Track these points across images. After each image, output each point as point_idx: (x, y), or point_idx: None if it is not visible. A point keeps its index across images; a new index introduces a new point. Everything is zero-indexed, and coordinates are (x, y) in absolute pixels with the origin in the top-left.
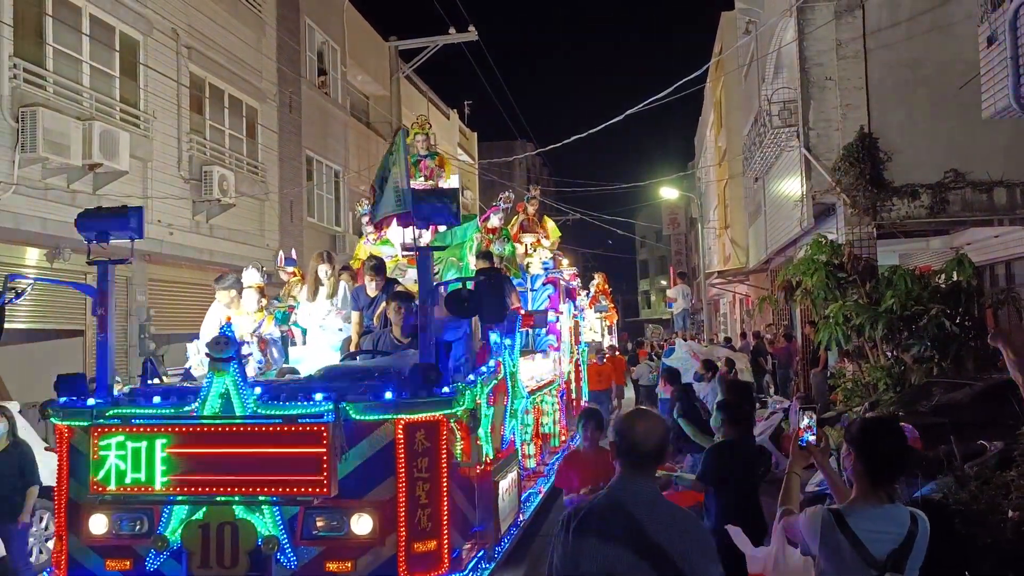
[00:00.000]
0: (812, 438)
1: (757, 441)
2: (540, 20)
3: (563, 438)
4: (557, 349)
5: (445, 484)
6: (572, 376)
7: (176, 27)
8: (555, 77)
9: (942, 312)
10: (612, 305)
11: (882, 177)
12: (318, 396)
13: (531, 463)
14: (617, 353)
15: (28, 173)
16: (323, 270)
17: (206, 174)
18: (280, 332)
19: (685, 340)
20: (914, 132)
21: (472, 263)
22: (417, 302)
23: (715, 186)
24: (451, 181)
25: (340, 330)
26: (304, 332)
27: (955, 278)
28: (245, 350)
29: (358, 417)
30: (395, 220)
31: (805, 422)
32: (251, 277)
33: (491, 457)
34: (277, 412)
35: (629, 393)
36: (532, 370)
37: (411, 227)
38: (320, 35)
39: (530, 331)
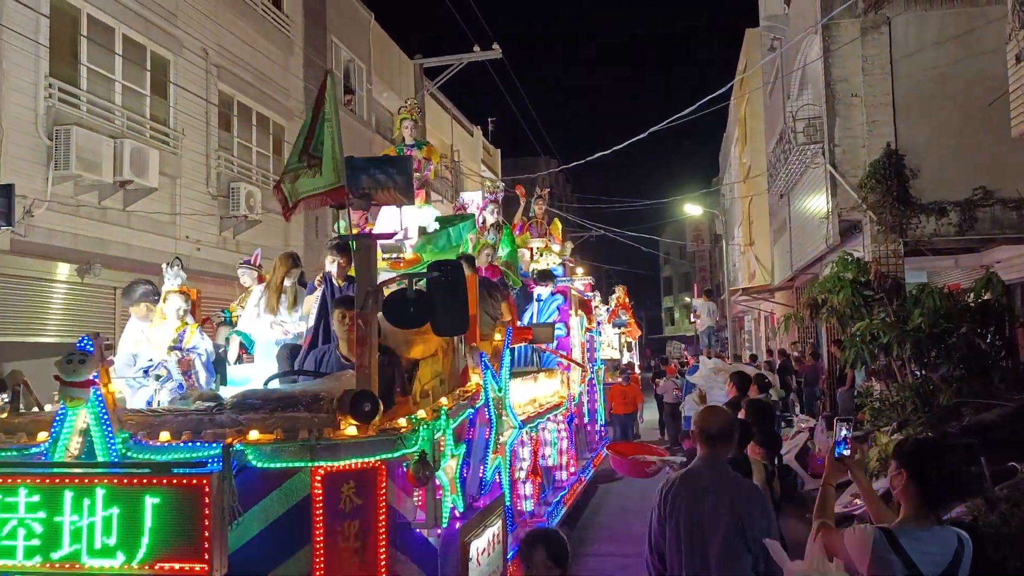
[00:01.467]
0: (847, 451)
1: (784, 461)
2: (564, 37)
3: (571, 470)
4: (567, 368)
5: (383, 557)
6: (584, 398)
7: (206, 46)
8: (579, 94)
9: (972, 331)
10: (633, 320)
11: (909, 194)
12: (209, 434)
13: (527, 505)
14: (637, 370)
15: (61, 190)
16: (288, 281)
17: (233, 191)
18: (211, 347)
19: (710, 358)
20: (942, 149)
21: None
22: None
23: (740, 203)
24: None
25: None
26: (250, 345)
27: (985, 296)
28: (157, 372)
29: (261, 464)
30: (379, 216)
31: (842, 433)
32: (171, 279)
33: (460, 511)
34: (147, 458)
35: (650, 414)
36: (532, 392)
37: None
38: (346, 53)
39: (534, 347)
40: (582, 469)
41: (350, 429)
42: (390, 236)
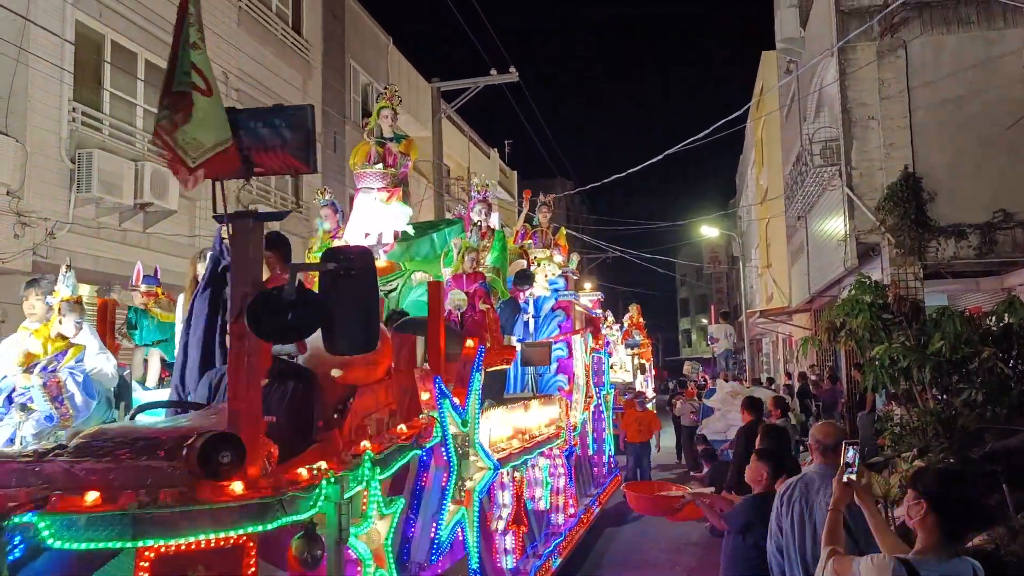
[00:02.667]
0: (854, 475)
1: None
2: (580, 58)
3: (570, 512)
4: (569, 393)
5: None
6: (589, 427)
7: (226, 70)
8: (595, 115)
9: (994, 355)
10: (647, 340)
11: (927, 217)
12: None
13: (508, 561)
14: (651, 392)
15: (83, 212)
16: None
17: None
18: (106, 367)
19: (728, 381)
20: (960, 172)
21: (448, 277)
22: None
23: (757, 225)
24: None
25: None
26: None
27: (1007, 320)
28: (17, 398)
29: (64, 544)
30: (350, 218)
31: (850, 454)
32: (63, 286)
33: None
34: None
35: (666, 440)
36: (521, 423)
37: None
38: (364, 76)
39: (532, 369)
40: (584, 509)
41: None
42: (281, 216)
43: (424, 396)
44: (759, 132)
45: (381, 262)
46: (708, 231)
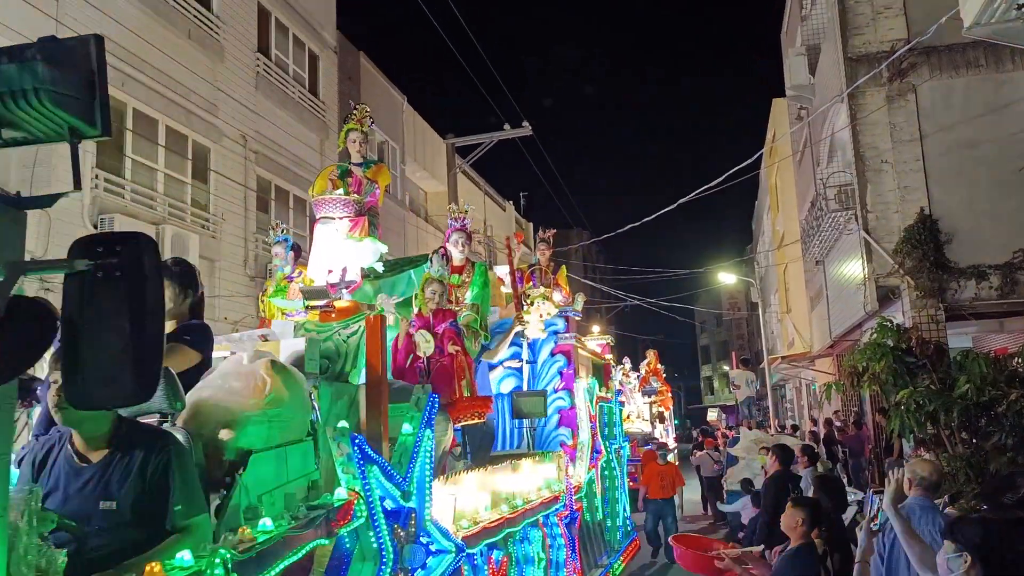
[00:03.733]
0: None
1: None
2: (593, 108)
3: None
4: (572, 449)
5: None
6: (597, 487)
7: (245, 134)
8: (609, 165)
9: (1022, 398)
10: (666, 387)
11: (946, 259)
12: None
13: None
14: (672, 442)
15: None
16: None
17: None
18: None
19: (751, 429)
20: (976, 212)
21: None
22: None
23: (775, 270)
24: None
25: None
26: None
27: None
28: None
29: None
30: (311, 253)
31: (876, 503)
32: None
33: None
34: None
35: (689, 493)
36: (506, 487)
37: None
38: (380, 135)
39: (528, 423)
40: None
41: None
42: (45, 203)
43: (338, 460)
44: (773, 178)
45: (344, 301)
46: (726, 277)
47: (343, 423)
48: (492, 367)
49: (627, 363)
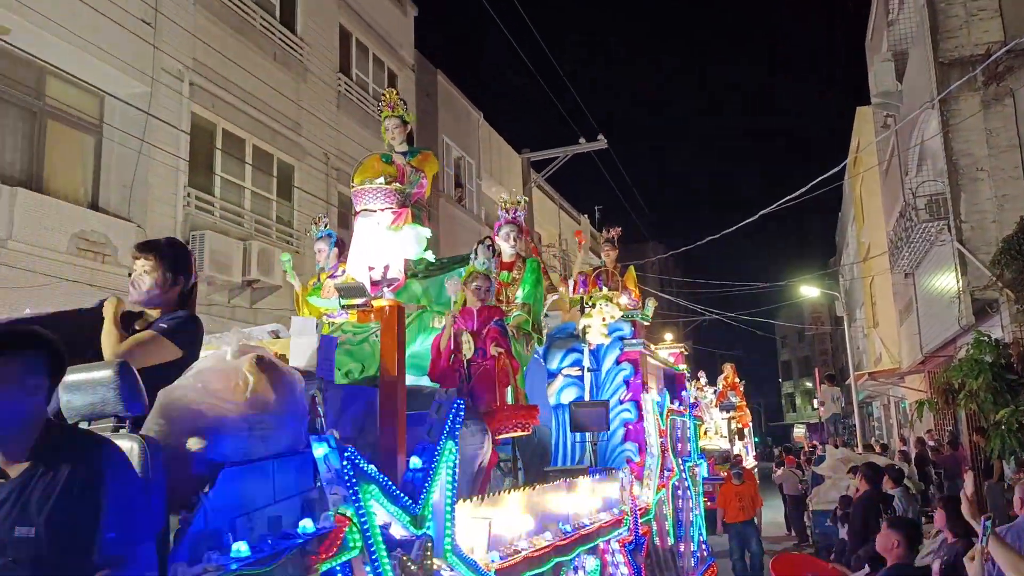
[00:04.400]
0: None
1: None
2: (669, 119)
3: None
4: (640, 467)
5: None
6: (668, 508)
7: (327, 152)
8: (687, 177)
9: None
10: (744, 402)
11: None
12: None
13: None
14: (751, 460)
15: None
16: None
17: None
18: None
19: (837, 447)
20: None
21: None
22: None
23: (860, 283)
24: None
25: None
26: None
27: None
28: None
29: None
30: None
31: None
32: None
33: None
34: None
35: (773, 513)
36: (556, 508)
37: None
38: (456, 151)
39: (590, 437)
40: None
41: None
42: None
43: (323, 471)
44: (858, 188)
45: (384, 300)
46: (808, 291)
47: (332, 433)
48: (551, 375)
49: (702, 377)
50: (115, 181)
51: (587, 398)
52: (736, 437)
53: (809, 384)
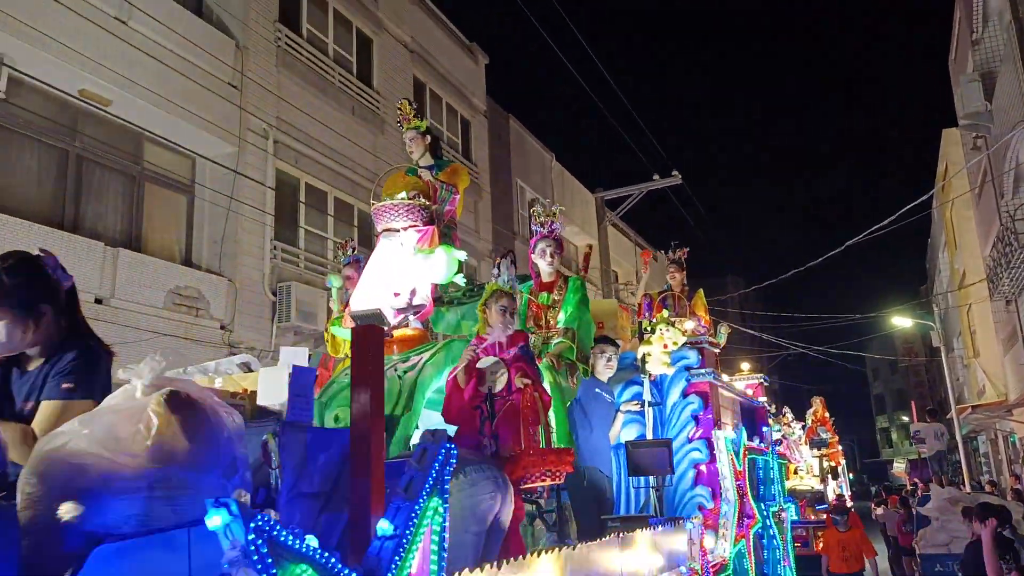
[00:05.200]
0: None
1: None
2: (743, 150)
3: None
4: (715, 514)
5: None
6: (750, 560)
7: None
8: (763, 208)
9: None
10: (836, 438)
11: None
12: None
13: None
14: (847, 501)
15: (283, 340)
16: None
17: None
18: None
19: (943, 486)
20: None
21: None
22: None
23: (957, 312)
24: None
25: None
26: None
27: None
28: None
29: None
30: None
31: None
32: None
33: None
34: None
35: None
36: (610, 566)
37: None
38: (530, 193)
39: (655, 481)
40: None
41: None
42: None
43: (225, 547)
44: (948, 213)
45: (410, 328)
46: (900, 321)
47: (238, 495)
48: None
49: (787, 412)
50: (206, 237)
51: (649, 436)
52: (829, 476)
53: (905, 418)
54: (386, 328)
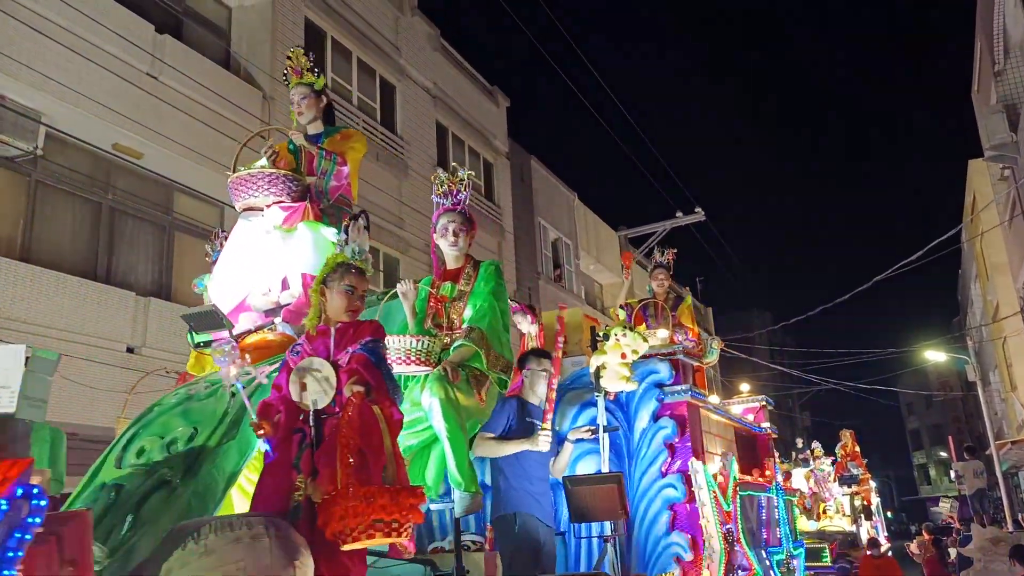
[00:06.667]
0: None
1: None
2: (766, 184)
3: None
4: (696, 567)
5: None
6: None
7: (428, 243)
8: (789, 241)
9: None
10: (867, 474)
11: None
12: None
13: None
14: (883, 541)
15: None
16: None
17: None
18: None
19: (984, 525)
20: None
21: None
22: None
23: (992, 344)
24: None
25: None
26: None
27: None
28: None
29: None
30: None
31: None
32: None
33: None
34: None
35: None
36: None
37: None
38: (554, 232)
39: (612, 527)
40: None
41: None
42: None
43: None
44: (978, 244)
45: (272, 333)
46: (934, 355)
47: None
48: (559, 440)
49: (817, 446)
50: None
51: (605, 469)
52: (861, 516)
53: (943, 454)
54: (231, 332)
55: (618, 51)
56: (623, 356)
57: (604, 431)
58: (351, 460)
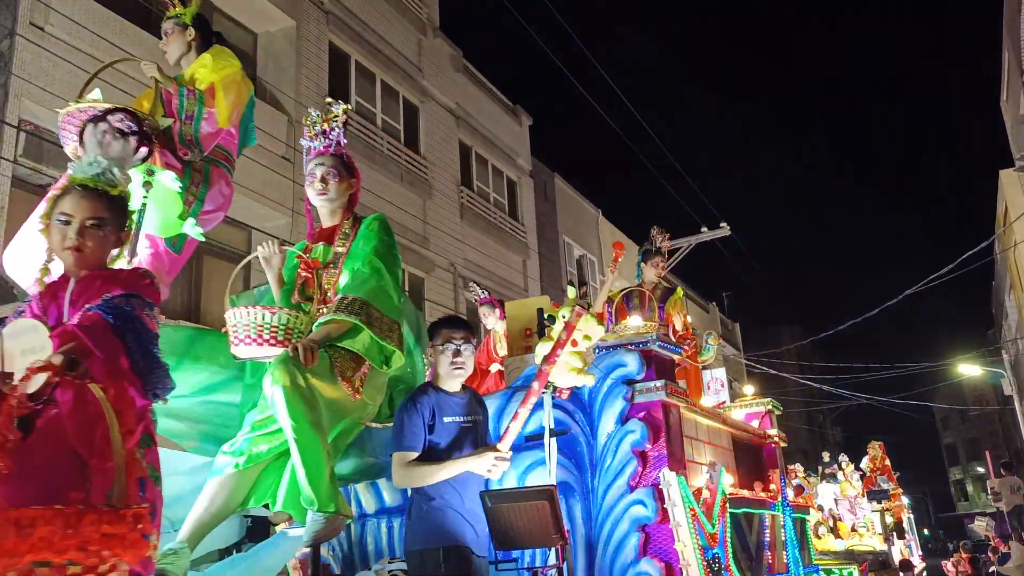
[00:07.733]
0: None
1: None
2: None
3: None
4: None
5: None
6: None
7: (453, 262)
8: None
9: None
10: (899, 489)
11: None
12: None
13: None
14: (917, 561)
15: None
16: None
17: None
18: None
19: (1023, 543)
20: None
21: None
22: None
23: None
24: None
25: None
26: None
27: None
28: None
29: None
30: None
31: None
32: None
33: None
34: None
35: None
36: None
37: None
38: (578, 249)
39: (551, 554)
40: None
41: None
42: None
43: None
44: (1012, 255)
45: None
46: (968, 369)
47: None
48: (515, 450)
49: (844, 459)
50: None
51: (552, 481)
52: (893, 534)
53: (980, 469)
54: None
55: (641, 66)
56: (573, 343)
57: (551, 435)
58: (68, 468)
